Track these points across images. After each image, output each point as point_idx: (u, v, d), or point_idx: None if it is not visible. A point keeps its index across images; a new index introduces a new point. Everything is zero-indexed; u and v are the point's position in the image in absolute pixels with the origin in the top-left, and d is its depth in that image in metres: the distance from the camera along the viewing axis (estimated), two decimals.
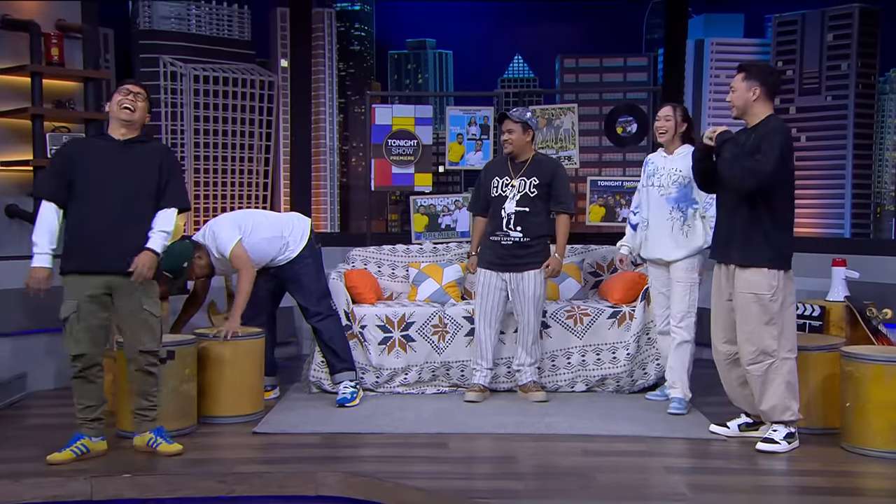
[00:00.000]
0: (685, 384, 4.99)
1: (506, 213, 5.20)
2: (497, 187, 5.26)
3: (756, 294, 4.16)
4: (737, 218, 4.23)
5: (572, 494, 3.66)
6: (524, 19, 21.06)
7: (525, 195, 5.20)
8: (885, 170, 20.22)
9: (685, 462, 4.19)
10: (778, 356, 4.18)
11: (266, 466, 4.06)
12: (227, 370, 4.76)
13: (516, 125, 5.21)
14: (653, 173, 5.05)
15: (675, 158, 4.99)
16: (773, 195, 4.15)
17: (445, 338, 5.47)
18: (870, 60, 21.00)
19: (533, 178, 5.22)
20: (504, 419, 4.81)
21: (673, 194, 4.94)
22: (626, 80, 21.50)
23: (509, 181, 5.24)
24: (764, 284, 4.15)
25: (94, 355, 4.08)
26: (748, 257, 4.19)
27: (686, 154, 4.89)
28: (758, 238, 4.17)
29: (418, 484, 3.76)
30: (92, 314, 4.03)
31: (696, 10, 21.83)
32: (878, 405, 4.12)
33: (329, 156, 21.05)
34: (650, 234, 5.02)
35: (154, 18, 18.05)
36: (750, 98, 4.23)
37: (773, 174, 4.08)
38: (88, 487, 3.83)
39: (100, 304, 4.05)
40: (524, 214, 5.19)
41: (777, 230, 4.17)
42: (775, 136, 4.13)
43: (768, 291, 4.15)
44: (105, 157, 4.06)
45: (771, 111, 4.25)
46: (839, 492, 3.72)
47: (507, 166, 5.30)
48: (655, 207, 5.00)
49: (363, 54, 22.82)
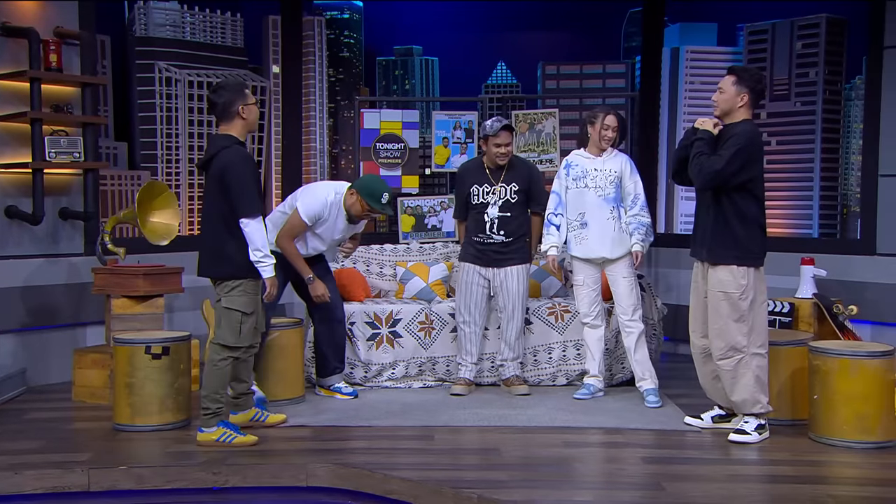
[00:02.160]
0: (653, 373, 5.06)
1: (489, 219, 5.22)
2: (477, 195, 5.25)
3: (725, 292, 4.17)
4: (708, 217, 4.24)
5: (553, 484, 3.67)
6: (507, 28, 21.08)
7: (507, 201, 5.23)
8: (850, 172, 20.38)
9: (661, 452, 4.21)
10: (747, 352, 4.20)
11: (259, 458, 4.04)
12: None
13: (512, 137, 5.25)
14: (582, 175, 5.02)
15: (608, 160, 5.02)
16: (740, 194, 4.14)
17: (431, 334, 5.47)
18: (836, 68, 21.15)
19: (513, 185, 5.24)
20: (488, 412, 4.82)
21: (611, 194, 4.97)
22: (605, 87, 21.55)
23: (490, 188, 5.24)
24: (733, 283, 4.16)
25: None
26: (716, 255, 4.20)
27: (615, 155, 5.02)
28: (726, 236, 4.17)
29: (405, 475, 3.76)
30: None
31: (672, 20, 21.92)
32: (844, 397, 4.15)
33: (319, 158, 20.98)
34: (591, 234, 4.99)
35: (150, 26, 17.95)
36: (737, 103, 4.20)
37: (722, 172, 4.06)
38: (86, 478, 3.82)
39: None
40: (507, 219, 5.22)
41: (745, 229, 4.16)
42: (736, 137, 4.11)
43: (737, 290, 4.16)
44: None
45: (749, 116, 4.23)
46: (807, 480, 3.74)
47: (486, 173, 5.28)
48: (594, 208, 4.98)
49: (352, 61, 22.77)
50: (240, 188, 4.08)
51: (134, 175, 15.69)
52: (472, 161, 5.60)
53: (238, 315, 4.18)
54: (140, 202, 5.37)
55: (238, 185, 4.08)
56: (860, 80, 21.11)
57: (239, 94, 4.19)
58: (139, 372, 4.48)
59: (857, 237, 6.11)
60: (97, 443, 4.31)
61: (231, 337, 4.19)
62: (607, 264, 5.04)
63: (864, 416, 4.13)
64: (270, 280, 4.16)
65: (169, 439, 4.34)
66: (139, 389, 4.48)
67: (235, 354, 4.22)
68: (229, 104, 4.17)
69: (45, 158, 5.51)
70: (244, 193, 4.07)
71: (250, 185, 4.08)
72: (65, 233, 5.81)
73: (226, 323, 4.19)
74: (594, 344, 5.16)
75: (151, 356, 4.47)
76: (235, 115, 4.18)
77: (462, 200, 5.37)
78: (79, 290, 5.74)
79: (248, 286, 4.18)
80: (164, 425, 4.48)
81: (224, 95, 4.18)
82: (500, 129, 5.16)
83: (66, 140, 5.63)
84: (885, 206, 5.80)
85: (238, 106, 4.17)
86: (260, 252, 4.09)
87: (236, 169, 4.09)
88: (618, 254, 5.00)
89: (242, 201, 4.07)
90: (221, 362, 4.21)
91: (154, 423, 4.48)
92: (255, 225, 4.08)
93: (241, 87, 4.26)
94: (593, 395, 5.12)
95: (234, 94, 4.19)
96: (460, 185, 5.40)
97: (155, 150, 17.55)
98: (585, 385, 5.18)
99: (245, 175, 4.09)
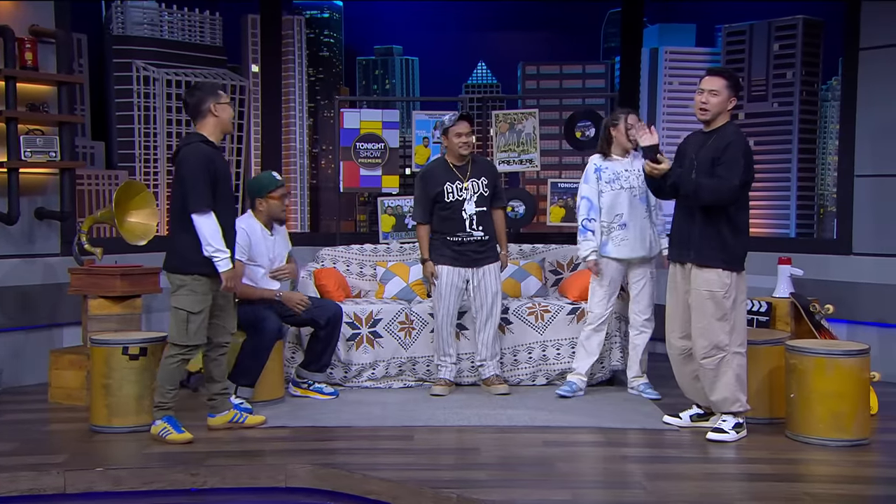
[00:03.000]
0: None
1: (467, 215, 5.21)
2: (452, 192, 5.22)
3: (711, 291, 4.20)
4: (694, 221, 4.25)
5: (533, 483, 3.68)
6: (488, 28, 21.09)
7: (481, 195, 5.25)
8: (827, 173, 20.56)
9: (640, 451, 4.24)
10: (729, 350, 4.23)
11: (237, 459, 4.03)
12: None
13: (472, 129, 5.22)
14: (615, 178, 5.02)
15: (635, 161, 5.00)
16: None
17: (412, 334, 5.47)
18: (813, 69, 21.33)
19: (482, 179, 5.26)
20: (468, 412, 4.82)
21: (645, 194, 4.98)
22: (584, 87, 21.60)
23: (462, 184, 5.23)
24: (718, 282, 4.19)
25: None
26: (705, 259, 4.22)
27: (637, 155, 4.99)
28: (714, 241, 4.19)
29: (385, 475, 3.75)
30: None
31: (651, 20, 22.03)
32: (820, 395, 4.19)
33: (299, 158, 20.89)
34: (630, 234, 5.00)
35: (127, 24, 17.80)
36: (727, 107, 4.22)
37: (736, 189, 4.11)
38: (62, 481, 3.78)
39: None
40: (483, 214, 5.23)
41: (733, 233, 4.19)
42: (738, 151, 4.12)
43: (721, 289, 4.19)
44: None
45: (729, 118, 4.27)
46: (784, 478, 3.78)
47: (453, 170, 5.25)
48: (633, 209, 5.00)
49: (332, 60, 22.69)
50: (190, 182, 4.13)
51: (111, 174, 15.54)
52: (434, 162, 5.47)
53: (184, 314, 4.20)
54: (117, 202, 5.34)
55: (189, 179, 4.14)
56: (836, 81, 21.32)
57: (211, 93, 4.27)
58: (116, 373, 4.45)
59: (834, 237, 6.18)
60: (73, 444, 4.28)
61: (178, 335, 4.23)
62: (634, 265, 5.05)
63: (839, 414, 4.18)
64: (226, 273, 4.16)
65: (146, 440, 4.30)
66: (116, 390, 4.45)
67: (185, 353, 4.25)
68: (200, 102, 4.25)
69: (20, 158, 5.46)
70: (193, 188, 4.12)
71: (200, 181, 4.11)
72: (41, 233, 5.76)
73: (174, 321, 4.24)
74: (594, 347, 5.16)
75: (129, 357, 4.44)
76: (207, 114, 4.25)
77: (427, 202, 5.26)
78: (55, 290, 5.69)
79: (196, 285, 4.19)
80: (141, 426, 4.44)
81: (196, 95, 4.27)
82: (459, 120, 5.18)
83: (41, 139, 5.58)
84: (861, 207, 5.87)
85: (209, 104, 4.24)
86: (211, 247, 4.12)
87: (189, 163, 4.16)
88: (653, 253, 5.07)
89: (191, 196, 4.12)
90: (170, 359, 4.26)
91: (131, 425, 4.45)
92: (204, 220, 4.11)
93: (214, 87, 4.36)
94: (574, 394, 5.14)
95: (206, 93, 4.27)
96: (427, 185, 5.27)
97: (132, 149, 17.39)
98: (569, 382, 5.18)
99: (196, 170, 4.13)
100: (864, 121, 5.84)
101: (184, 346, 4.23)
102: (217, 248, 4.12)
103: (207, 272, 4.18)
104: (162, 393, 4.26)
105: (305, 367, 5.17)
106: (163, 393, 4.26)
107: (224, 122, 4.31)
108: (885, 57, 5.73)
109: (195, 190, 4.11)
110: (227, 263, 4.16)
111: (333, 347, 5.17)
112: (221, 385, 4.50)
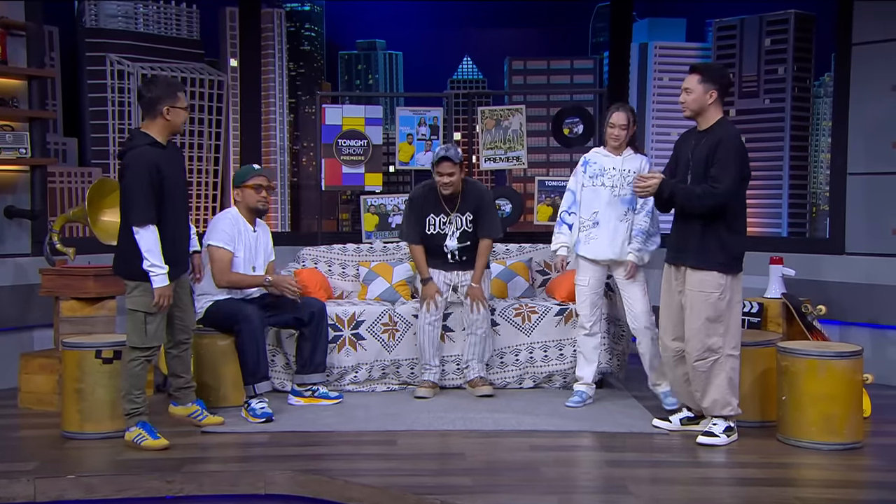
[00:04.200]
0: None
1: (448, 249, 5.33)
2: (434, 225, 5.31)
3: (705, 292, 4.21)
4: (691, 224, 4.25)
5: (519, 489, 3.68)
6: (474, 22, 21.11)
7: (464, 231, 5.33)
8: (819, 171, 20.71)
9: (628, 455, 4.25)
10: (722, 353, 4.25)
11: (215, 465, 4.01)
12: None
13: (455, 167, 5.21)
14: (599, 173, 4.95)
15: (626, 160, 4.95)
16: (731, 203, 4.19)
17: (395, 336, 5.47)
18: (805, 65, 21.47)
19: (467, 214, 5.33)
20: (453, 416, 4.83)
21: (628, 195, 4.88)
22: (572, 83, 21.66)
23: (445, 218, 5.31)
24: (712, 283, 4.21)
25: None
26: (702, 261, 4.22)
27: (634, 156, 4.94)
28: (712, 244, 4.21)
29: (367, 481, 3.75)
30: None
31: (640, 15, 22.11)
32: (812, 398, 4.22)
33: (279, 155, 20.84)
34: (601, 234, 4.93)
35: (100, 17, 17.70)
36: (706, 101, 4.22)
37: (732, 188, 4.13)
38: (32, 489, 3.76)
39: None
40: (466, 248, 5.34)
41: (731, 235, 4.21)
42: (730, 148, 4.13)
43: (717, 290, 4.20)
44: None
45: (722, 114, 4.27)
46: (775, 483, 3.80)
47: (440, 202, 5.33)
48: (608, 207, 4.92)
49: (313, 54, 22.64)
50: (130, 194, 4.10)
51: (84, 172, 15.43)
52: (424, 187, 5.49)
53: (141, 315, 4.20)
54: (91, 200, 5.30)
55: (128, 190, 4.11)
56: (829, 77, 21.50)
57: (168, 94, 4.19)
58: (89, 377, 4.43)
59: (826, 236, 6.22)
60: (44, 451, 4.25)
61: (137, 338, 4.22)
62: (615, 267, 4.98)
63: (831, 417, 4.21)
64: (159, 290, 4.15)
65: (120, 447, 4.28)
66: (89, 395, 4.42)
67: (146, 355, 4.24)
68: (156, 101, 4.17)
69: None
70: (133, 200, 4.09)
71: (140, 193, 4.07)
72: (11, 232, 5.72)
73: (131, 324, 4.23)
74: (590, 352, 5.11)
75: (102, 360, 4.42)
76: (159, 115, 4.18)
77: (417, 224, 5.36)
78: (26, 291, 5.65)
79: (149, 286, 4.18)
80: (115, 432, 4.41)
81: (153, 91, 4.19)
82: (440, 160, 5.20)
83: (11, 135, 5.54)
84: (854, 205, 5.91)
85: (164, 106, 4.17)
86: (148, 261, 4.11)
87: (131, 172, 4.11)
88: (625, 257, 4.93)
89: (131, 209, 4.10)
90: (132, 363, 4.24)
91: (105, 431, 4.42)
92: (144, 233, 4.09)
93: (174, 88, 4.25)
94: (585, 403, 5.09)
95: (164, 92, 4.19)
96: (417, 211, 5.37)
97: (106, 145, 17.29)
98: (577, 392, 5.12)
99: (137, 180, 4.08)
100: (857, 118, 5.88)
101: (145, 349, 4.22)
102: (153, 263, 4.11)
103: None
104: (130, 399, 4.24)
105: (301, 373, 5.15)
106: (131, 399, 4.24)
107: (175, 126, 4.25)
108: (878, 52, 5.77)
109: (135, 202, 4.08)
110: (162, 280, 4.14)
111: (324, 344, 5.15)
112: (184, 380, 4.59)
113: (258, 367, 4.77)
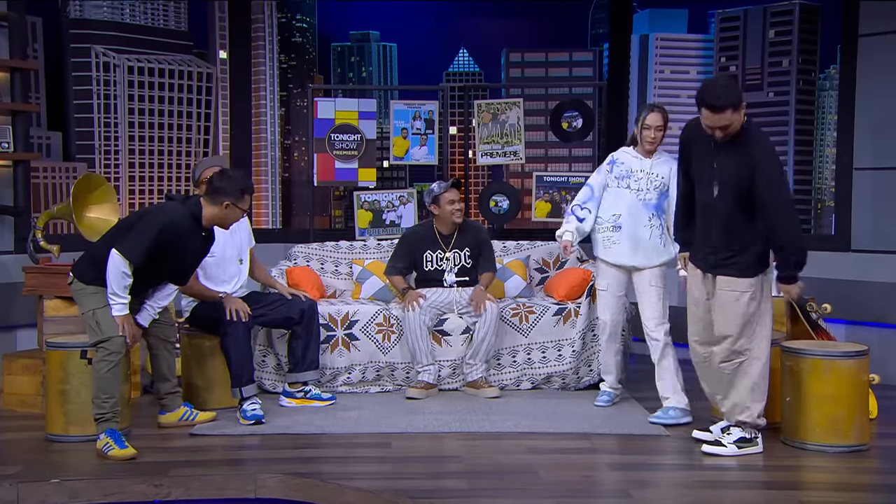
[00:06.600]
0: (678, 388, 4.78)
1: (448, 285, 5.47)
2: (431, 261, 5.46)
3: (737, 292, 4.13)
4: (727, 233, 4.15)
5: (517, 493, 3.69)
6: (470, 13, 21.11)
7: (462, 267, 5.48)
8: (825, 166, 20.76)
9: (628, 458, 4.25)
10: (750, 355, 4.18)
11: (204, 468, 4.01)
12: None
13: (461, 196, 5.44)
14: (626, 175, 4.84)
15: (656, 164, 4.83)
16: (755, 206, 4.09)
17: (390, 337, 5.46)
18: (810, 57, 21.52)
19: (465, 250, 5.48)
20: (449, 418, 4.83)
21: (653, 200, 4.81)
22: (571, 75, 21.70)
23: (443, 255, 5.44)
24: (744, 283, 4.13)
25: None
26: (736, 270, 4.14)
27: (665, 160, 4.84)
28: (749, 256, 4.12)
29: (360, 484, 3.75)
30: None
31: (641, 6, 22.15)
32: (817, 399, 4.22)
33: (270, 150, 20.83)
34: (622, 239, 4.83)
35: (85, 7, 17.65)
36: (742, 119, 4.05)
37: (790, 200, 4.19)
38: (15, 494, 3.75)
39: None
40: (465, 282, 5.48)
41: (764, 246, 4.14)
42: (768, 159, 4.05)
43: (748, 289, 4.12)
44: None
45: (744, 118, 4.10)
46: (779, 486, 3.81)
47: (437, 238, 5.48)
48: (632, 211, 4.81)
49: (305, 46, 22.62)
50: (137, 229, 4.24)
51: (69, 167, 15.41)
52: (420, 226, 5.65)
53: (90, 311, 4.29)
54: (76, 196, 5.29)
55: (139, 225, 4.26)
56: (834, 69, 21.53)
57: (236, 194, 4.38)
58: (74, 378, 4.42)
59: (832, 233, 6.23)
60: (27, 455, 4.24)
61: (92, 334, 4.29)
62: (636, 272, 4.88)
63: (836, 418, 4.21)
64: (119, 318, 4.25)
65: None
66: (74, 397, 4.42)
67: (108, 352, 4.24)
68: (221, 192, 4.37)
69: None
70: (136, 237, 4.21)
71: (144, 236, 4.21)
72: None
73: (87, 327, 4.32)
74: (609, 363, 5.09)
75: (87, 361, 4.40)
76: (218, 205, 4.37)
77: (406, 261, 5.53)
78: (8, 290, 5.64)
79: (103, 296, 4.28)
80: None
81: (225, 183, 4.38)
82: (451, 187, 5.41)
83: None
84: (860, 201, 5.92)
85: (226, 201, 4.36)
86: (112, 289, 4.23)
87: (154, 219, 4.28)
88: (650, 263, 4.82)
89: (128, 239, 4.22)
90: (99, 365, 4.26)
91: (90, 433, 4.40)
92: (117, 259, 4.18)
93: (245, 191, 4.43)
94: (613, 401, 5.11)
95: (230, 190, 4.37)
96: (408, 248, 5.55)
97: (92, 140, 17.26)
98: (603, 392, 5.13)
99: (151, 228, 4.23)
100: (863, 111, 5.89)
101: (105, 340, 4.24)
102: (115, 293, 4.22)
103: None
104: (98, 404, 4.24)
105: (295, 371, 5.14)
106: (99, 404, 4.24)
107: (225, 222, 4.46)
108: (885, 44, 5.78)
109: (136, 240, 4.21)
110: (121, 309, 4.25)
111: (317, 342, 5.16)
112: (171, 384, 4.67)
113: (243, 369, 4.78)
